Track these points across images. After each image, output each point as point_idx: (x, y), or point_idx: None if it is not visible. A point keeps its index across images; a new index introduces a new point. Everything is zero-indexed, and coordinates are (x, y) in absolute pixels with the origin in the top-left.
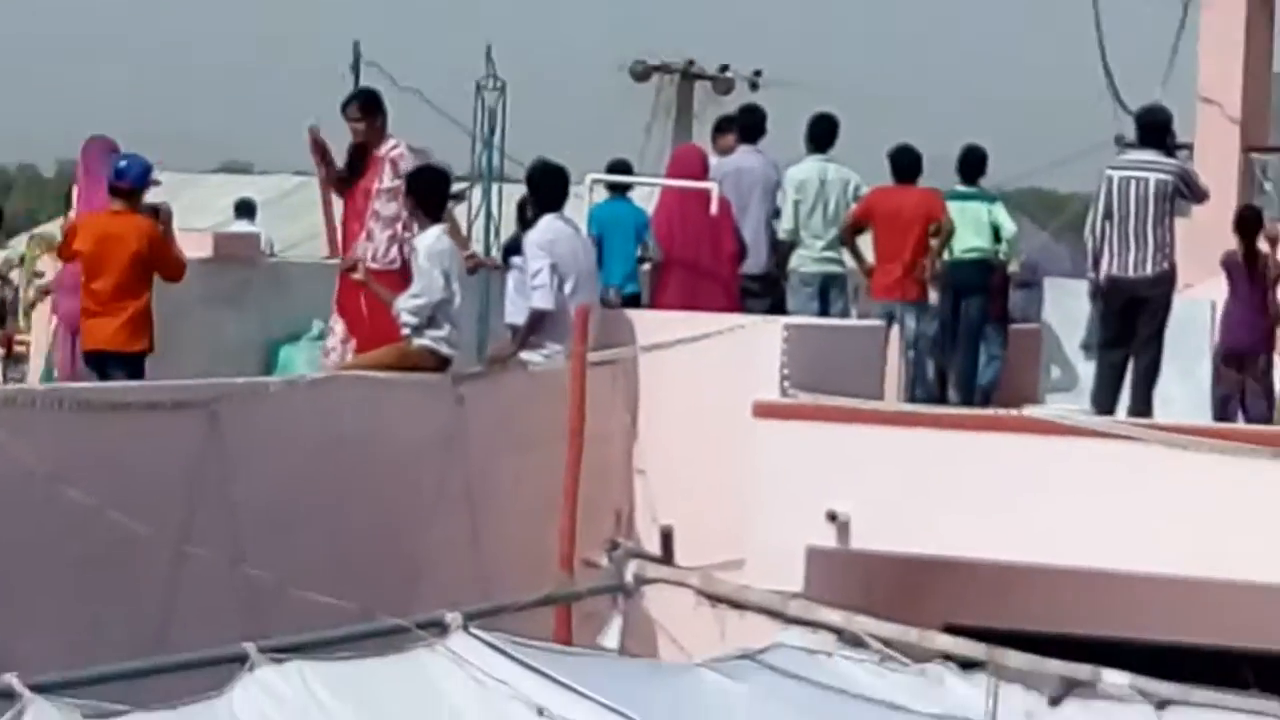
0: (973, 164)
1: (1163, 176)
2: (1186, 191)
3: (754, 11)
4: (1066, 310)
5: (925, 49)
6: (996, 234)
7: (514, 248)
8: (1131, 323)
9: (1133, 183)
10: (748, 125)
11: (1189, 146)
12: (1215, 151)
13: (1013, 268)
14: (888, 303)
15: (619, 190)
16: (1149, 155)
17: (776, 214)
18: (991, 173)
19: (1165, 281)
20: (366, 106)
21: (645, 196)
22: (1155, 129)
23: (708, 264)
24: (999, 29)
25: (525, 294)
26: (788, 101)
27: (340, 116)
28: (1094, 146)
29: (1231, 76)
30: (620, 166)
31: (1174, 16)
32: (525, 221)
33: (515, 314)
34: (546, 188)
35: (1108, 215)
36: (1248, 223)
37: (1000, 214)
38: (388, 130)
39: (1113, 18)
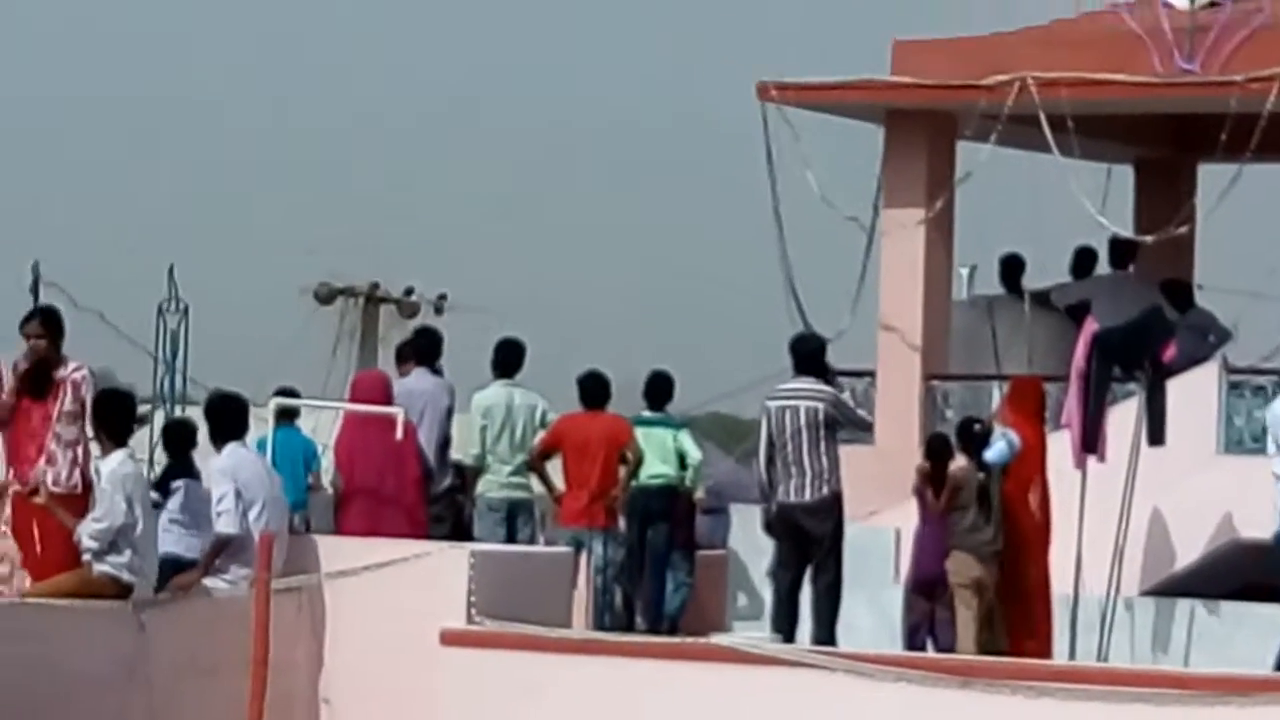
0: (659, 390)
1: (812, 404)
2: (840, 419)
3: (440, 234)
4: (753, 537)
5: (603, 270)
6: (682, 460)
7: (165, 479)
8: (802, 549)
9: (787, 412)
10: (421, 347)
11: (872, 374)
12: (897, 378)
13: (699, 494)
14: (576, 529)
15: (288, 417)
16: (803, 384)
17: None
18: (678, 399)
19: (828, 507)
20: (47, 323)
21: (331, 422)
22: (808, 357)
23: (391, 489)
24: (681, 251)
25: (190, 524)
26: (475, 326)
27: (18, 334)
28: (780, 372)
29: (911, 304)
30: (288, 392)
31: (860, 245)
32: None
33: (171, 543)
34: (225, 417)
35: (770, 444)
36: (937, 450)
37: (686, 440)
38: (62, 351)
39: (801, 245)
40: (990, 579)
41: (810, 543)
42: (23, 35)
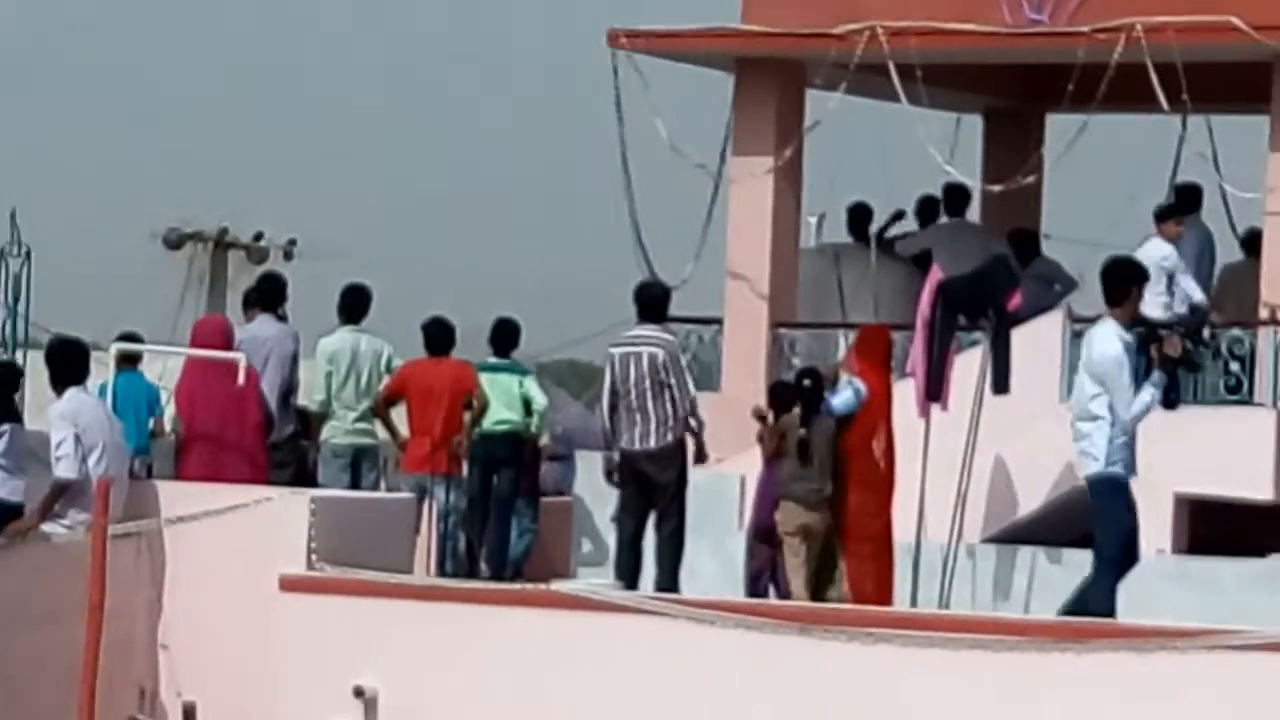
0: (505, 336)
1: (654, 350)
2: (671, 369)
3: (291, 180)
4: (598, 483)
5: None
6: (528, 406)
7: None
8: (645, 495)
9: (631, 359)
10: (266, 292)
11: (719, 321)
12: (745, 327)
13: (544, 440)
14: (420, 476)
15: (130, 362)
16: (645, 331)
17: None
18: (525, 345)
19: (670, 454)
20: None
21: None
22: (650, 304)
23: (232, 435)
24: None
25: (13, 468)
26: (324, 271)
27: None
28: (630, 319)
29: (759, 252)
30: (131, 337)
31: (707, 192)
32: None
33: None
34: (65, 362)
35: (613, 391)
36: (780, 397)
37: (531, 386)
38: None
39: (647, 190)
40: (819, 525)
41: (653, 489)
42: None
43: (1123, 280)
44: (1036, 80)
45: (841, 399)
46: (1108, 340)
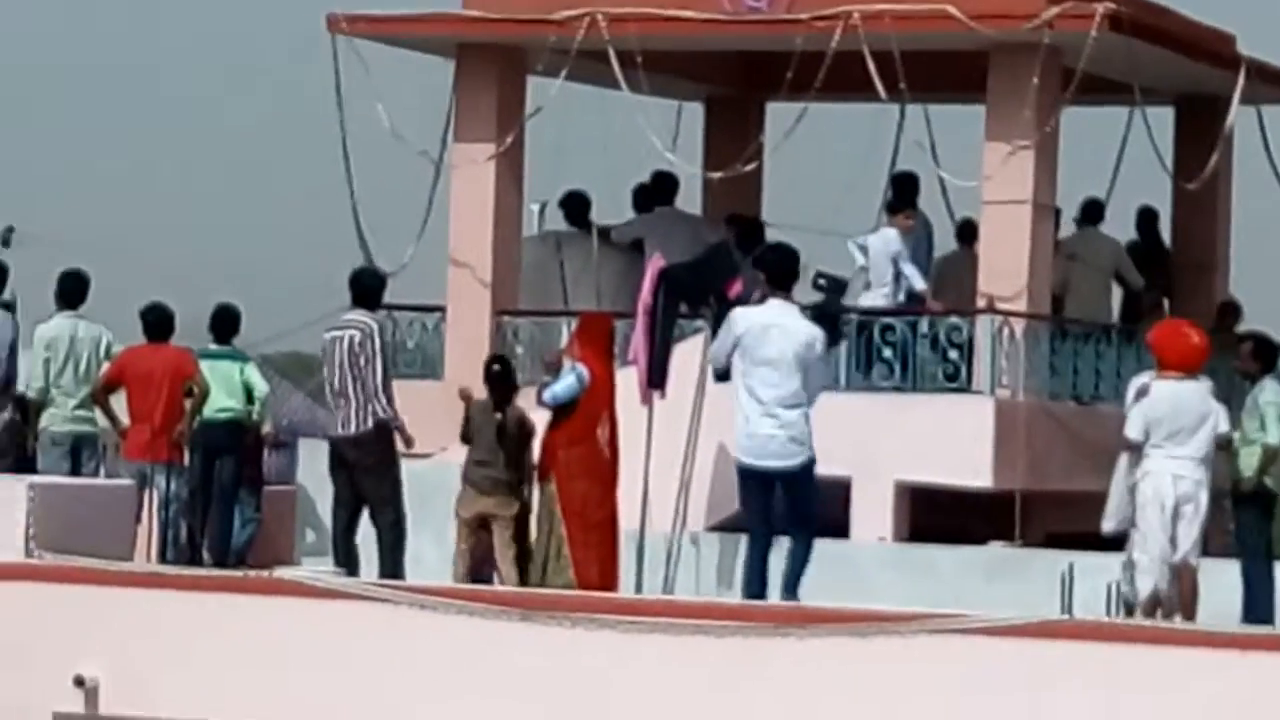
0: (225, 323)
1: (352, 333)
2: (364, 350)
3: (9, 167)
4: (321, 472)
5: (185, 203)
6: (249, 394)
7: None
8: (353, 482)
9: (336, 343)
10: None
11: (442, 309)
12: (467, 314)
13: (266, 428)
14: (140, 463)
15: None
16: (352, 315)
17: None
18: (248, 333)
19: (369, 440)
20: None
21: None
22: (362, 290)
23: None
24: (253, 185)
25: None
26: (42, 258)
27: None
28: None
29: (481, 239)
30: None
31: (428, 177)
32: None
33: None
34: None
35: (327, 376)
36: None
37: (253, 374)
38: None
39: (370, 177)
40: (501, 510)
41: (358, 474)
42: None
43: (794, 267)
44: (756, 68)
45: (564, 384)
46: (806, 327)
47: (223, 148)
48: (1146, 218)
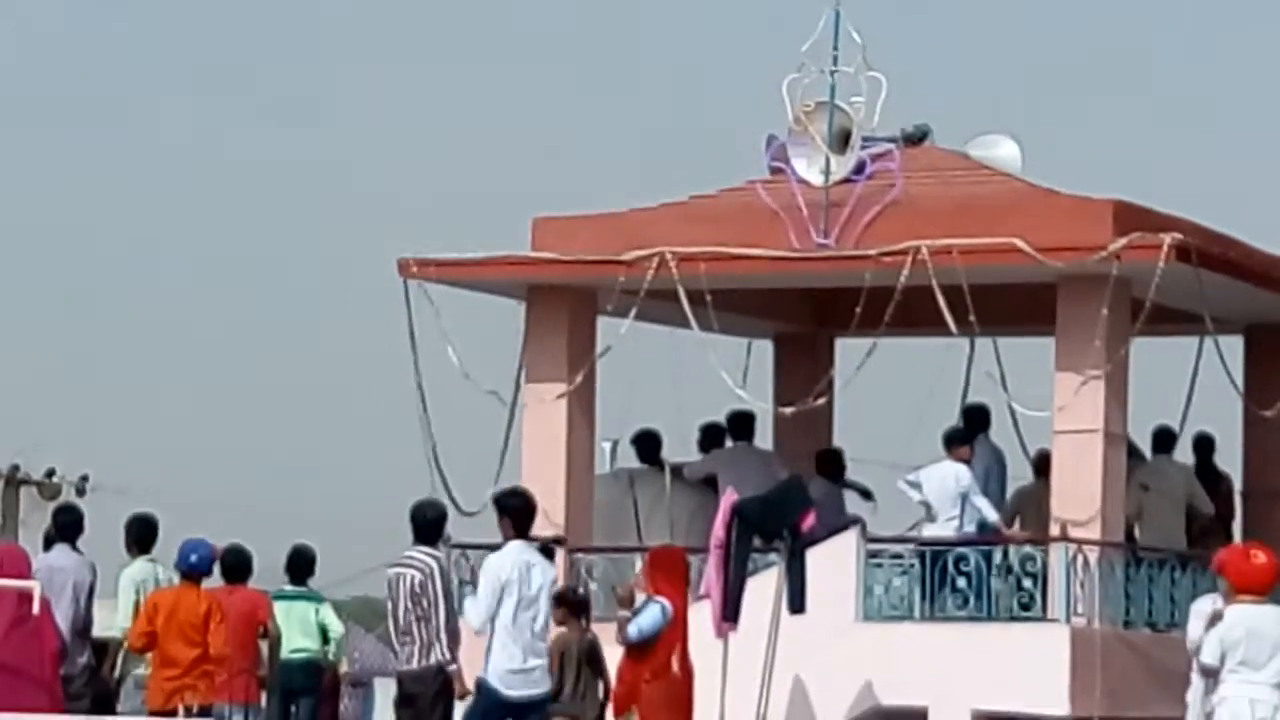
0: (301, 564)
1: (413, 572)
2: (425, 590)
3: (81, 418)
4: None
5: (248, 456)
6: (325, 634)
7: None
8: (418, 717)
9: (400, 579)
10: (63, 524)
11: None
12: None
13: (343, 668)
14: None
15: None
16: (414, 551)
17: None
18: (323, 576)
19: (431, 675)
20: None
21: None
22: (422, 525)
23: (29, 665)
24: (327, 427)
25: None
26: (117, 507)
27: None
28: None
29: (554, 478)
30: None
31: (502, 418)
32: None
33: None
34: None
35: (391, 612)
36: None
37: (328, 614)
38: None
39: (445, 419)
40: None
41: (420, 707)
42: None
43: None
44: (825, 304)
45: (650, 618)
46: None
47: (298, 393)
48: (1203, 444)
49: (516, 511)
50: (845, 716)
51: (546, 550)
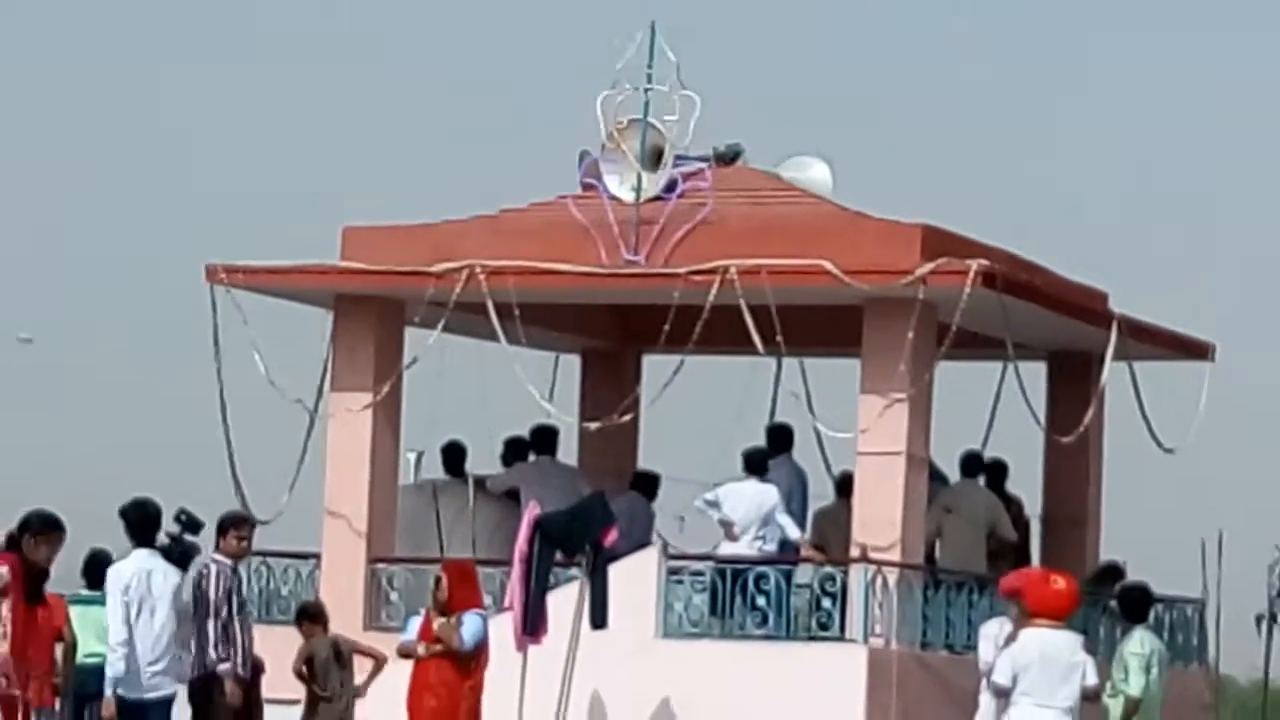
0: (96, 570)
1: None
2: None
3: None
4: None
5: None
6: None
7: None
8: None
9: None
10: None
11: (317, 556)
12: (341, 561)
13: None
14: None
15: None
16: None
17: None
18: None
19: (201, 685)
20: None
21: None
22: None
23: None
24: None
25: None
26: None
27: None
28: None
29: (357, 488)
30: None
31: (303, 425)
32: None
33: None
34: None
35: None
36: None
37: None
38: None
39: (249, 427)
40: None
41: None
42: None
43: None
44: (633, 321)
45: (471, 630)
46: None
47: (93, 391)
48: (995, 470)
49: (133, 522)
50: None
51: (191, 522)
